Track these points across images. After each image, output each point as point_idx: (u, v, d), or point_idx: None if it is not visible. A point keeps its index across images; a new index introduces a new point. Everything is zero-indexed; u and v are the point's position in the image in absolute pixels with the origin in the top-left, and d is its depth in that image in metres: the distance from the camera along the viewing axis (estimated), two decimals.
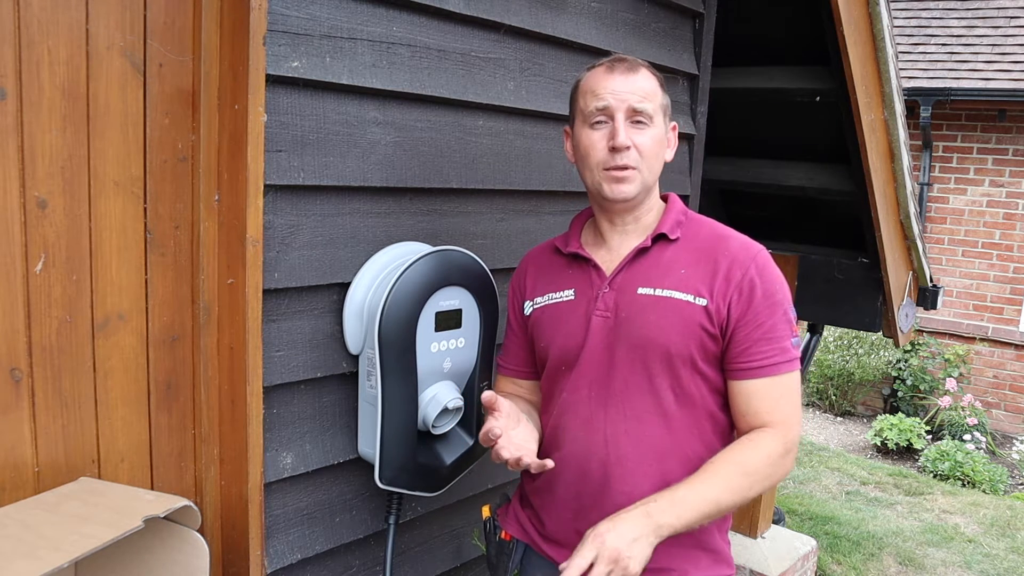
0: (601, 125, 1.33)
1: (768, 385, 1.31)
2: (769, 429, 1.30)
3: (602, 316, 1.36)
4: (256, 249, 1.38)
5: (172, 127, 1.38)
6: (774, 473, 1.29)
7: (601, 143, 1.33)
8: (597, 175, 1.35)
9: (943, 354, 6.68)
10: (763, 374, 1.30)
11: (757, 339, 1.30)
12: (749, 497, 1.28)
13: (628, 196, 1.34)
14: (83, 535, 1.08)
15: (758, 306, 1.30)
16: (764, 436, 1.29)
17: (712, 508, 1.24)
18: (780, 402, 1.31)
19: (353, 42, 1.50)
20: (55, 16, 1.22)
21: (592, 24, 1.99)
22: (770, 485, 1.30)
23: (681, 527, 1.22)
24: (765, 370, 1.30)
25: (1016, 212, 6.48)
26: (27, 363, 1.25)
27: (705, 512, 1.24)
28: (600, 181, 1.35)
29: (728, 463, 1.28)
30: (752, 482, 1.27)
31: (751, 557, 3.39)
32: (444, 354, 1.61)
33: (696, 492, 1.24)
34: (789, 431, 1.30)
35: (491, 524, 1.53)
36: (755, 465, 1.27)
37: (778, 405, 1.31)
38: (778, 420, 1.30)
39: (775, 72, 2.94)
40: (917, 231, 3.04)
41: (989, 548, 4.28)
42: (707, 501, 1.24)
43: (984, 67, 6.38)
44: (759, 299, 1.30)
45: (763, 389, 1.31)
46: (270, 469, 1.48)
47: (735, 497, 1.26)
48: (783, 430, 1.30)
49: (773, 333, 1.30)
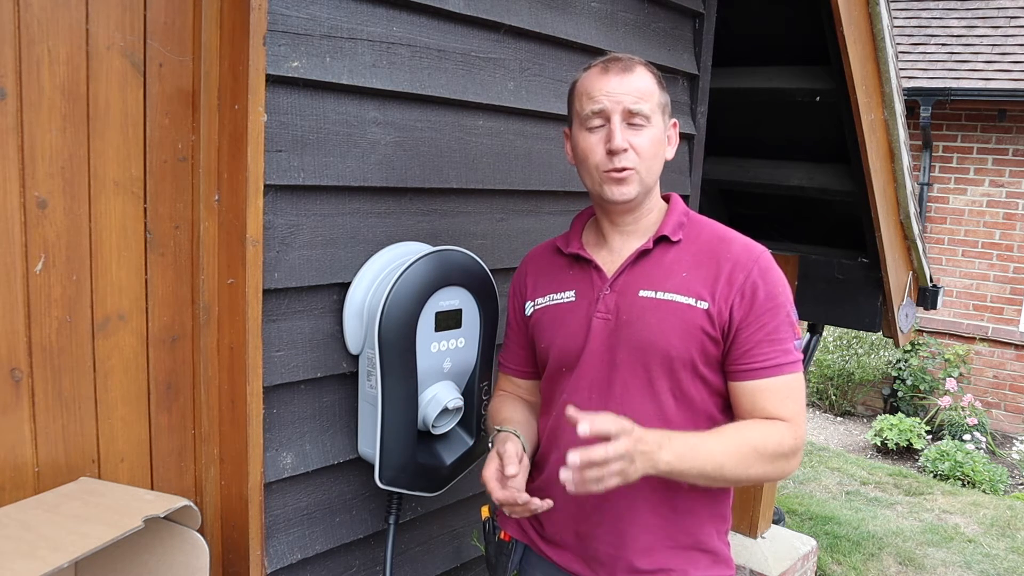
0: (598, 128, 1.32)
1: (773, 384, 1.29)
2: (782, 421, 1.28)
3: (603, 318, 1.35)
4: (256, 249, 1.38)
5: (172, 127, 1.38)
6: (779, 464, 1.27)
7: (598, 146, 1.32)
8: (596, 177, 1.34)
9: (943, 354, 6.68)
10: (767, 374, 1.29)
11: (760, 340, 1.29)
12: (750, 476, 1.25)
13: (628, 198, 1.34)
14: (83, 535, 1.08)
15: (760, 308, 1.29)
16: (778, 424, 1.28)
17: (713, 469, 1.22)
18: (787, 401, 1.30)
19: (353, 42, 1.50)
20: (55, 16, 1.22)
21: (592, 24, 1.99)
22: (772, 474, 1.28)
23: (676, 471, 1.20)
24: (769, 371, 1.29)
25: (1016, 212, 6.48)
26: (27, 363, 1.25)
27: (705, 469, 1.22)
28: (600, 183, 1.34)
29: (742, 430, 1.27)
30: (757, 459, 1.24)
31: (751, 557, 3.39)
32: (444, 354, 1.61)
33: (706, 445, 1.23)
34: (798, 429, 1.29)
35: (490, 524, 1.53)
36: (766, 444, 1.25)
37: (785, 404, 1.29)
38: (787, 416, 1.29)
39: (775, 72, 2.94)
40: (917, 231, 3.04)
41: (989, 548, 4.28)
42: (711, 459, 1.22)
43: (984, 67, 6.38)
44: (761, 301, 1.29)
45: (769, 388, 1.30)
46: (270, 469, 1.48)
47: (737, 468, 1.23)
48: (793, 426, 1.28)
49: (776, 335, 1.29)
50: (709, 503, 1.37)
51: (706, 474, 1.23)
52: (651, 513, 1.33)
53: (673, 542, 1.34)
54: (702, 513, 1.36)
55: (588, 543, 1.35)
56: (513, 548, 1.48)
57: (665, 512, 1.33)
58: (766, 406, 1.29)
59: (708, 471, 1.22)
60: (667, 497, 1.32)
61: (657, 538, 1.33)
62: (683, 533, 1.35)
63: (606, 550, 1.35)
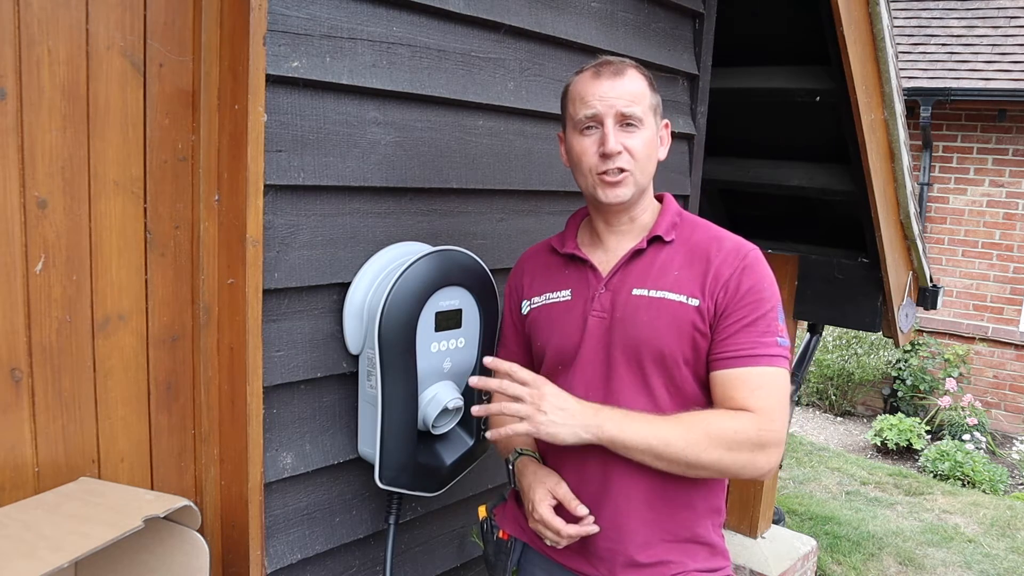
0: (591, 131, 1.34)
1: (745, 374, 1.28)
2: (747, 412, 1.26)
3: (598, 316, 1.36)
4: (256, 249, 1.38)
5: (172, 127, 1.38)
6: (741, 454, 1.24)
7: (592, 149, 1.33)
8: (590, 180, 1.36)
9: (943, 354, 6.68)
10: (740, 364, 1.28)
11: (737, 331, 1.29)
12: (702, 461, 1.24)
13: (622, 199, 1.35)
14: (83, 535, 1.08)
15: (742, 300, 1.29)
16: (741, 414, 1.26)
17: (659, 444, 1.23)
18: (757, 392, 1.26)
19: (353, 42, 1.50)
20: (55, 16, 1.22)
21: (592, 24, 1.99)
22: (733, 464, 1.25)
23: (619, 442, 1.24)
24: (742, 360, 1.28)
25: (1016, 212, 6.48)
26: (27, 363, 1.25)
27: (650, 444, 1.23)
28: (594, 186, 1.35)
29: (696, 416, 1.27)
30: (711, 444, 1.23)
31: (751, 557, 3.39)
32: (444, 354, 1.61)
33: (650, 421, 1.26)
34: (767, 421, 1.25)
35: (488, 524, 1.53)
36: (721, 429, 1.24)
37: (754, 394, 1.26)
38: (755, 407, 1.26)
39: (775, 72, 2.94)
40: (917, 231, 3.04)
41: (989, 548, 4.28)
42: (656, 434, 1.24)
43: (984, 67, 6.38)
44: (743, 294, 1.29)
45: (739, 377, 1.28)
46: (270, 469, 1.48)
47: (687, 449, 1.23)
48: (760, 417, 1.25)
49: (756, 327, 1.29)
50: (704, 496, 1.37)
51: (654, 450, 1.24)
52: (648, 507, 1.34)
53: (671, 535, 1.35)
54: (698, 507, 1.37)
55: (587, 538, 1.36)
56: (512, 546, 1.49)
57: (661, 506, 1.34)
58: (734, 395, 1.28)
59: (654, 447, 1.24)
60: (663, 491, 1.33)
61: (655, 532, 1.34)
62: (680, 526, 1.35)
63: (605, 545, 1.35)
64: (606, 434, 1.24)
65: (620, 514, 1.34)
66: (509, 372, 1.27)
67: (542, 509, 1.33)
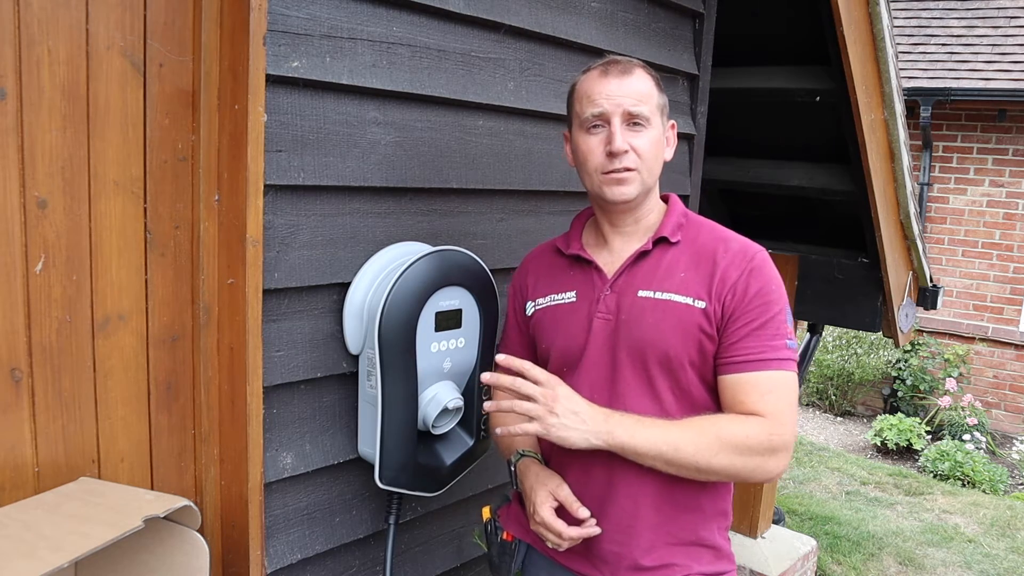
0: (598, 130, 1.33)
1: (755, 379, 1.27)
2: (758, 417, 1.26)
3: (603, 318, 1.36)
4: (256, 249, 1.38)
5: (172, 127, 1.38)
6: (752, 459, 1.24)
7: (599, 148, 1.33)
8: (596, 179, 1.35)
9: (943, 354, 6.68)
10: (750, 368, 1.27)
11: (746, 335, 1.28)
12: (712, 466, 1.23)
13: (628, 198, 1.34)
14: (83, 535, 1.08)
15: (750, 304, 1.29)
16: (752, 419, 1.26)
17: (670, 450, 1.23)
18: (767, 396, 1.26)
19: (353, 42, 1.50)
20: (55, 16, 1.22)
21: (592, 24, 1.99)
22: (744, 469, 1.25)
23: (630, 448, 1.24)
24: (752, 364, 1.27)
25: (1016, 212, 6.49)
26: (27, 363, 1.25)
27: (661, 450, 1.23)
28: (600, 185, 1.35)
29: (706, 421, 1.27)
30: (722, 448, 1.23)
31: (751, 557, 3.40)
32: (444, 354, 1.61)
33: (661, 427, 1.25)
34: (778, 426, 1.25)
35: (492, 525, 1.53)
36: (732, 434, 1.24)
37: (764, 399, 1.26)
38: (765, 412, 1.25)
39: (775, 72, 2.94)
40: (917, 231, 3.04)
41: (989, 548, 4.28)
42: (667, 440, 1.23)
43: (984, 67, 6.38)
44: (752, 297, 1.29)
45: (750, 382, 1.27)
46: (270, 469, 1.48)
47: (697, 455, 1.23)
48: (771, 422, 1.25)
49: (765, 331, 1.28)
50: (711, 499, 1.37)
51: (664, 456, 1.23)
52: (654, 510, 1.33)
53: (676, 538, 1.34)
54: (705, 510, 1.36)
55: (592, 541, 1.35)
56: (516, 548, 1.48)
57: (667, 509, 1.33)
58: (744, 400, 1.27)
59: (665, 453, 1.23)
60: (670, 494, 1.33)
61: (660, 535, 1.34)
62: (686, 529, 1.35)
63: (609, 547, 1.35)
64: (617, 440, 1.23)
65: (625, 517, 1.33)
66: (522, 370, 1.25)
67: (543, 511, 1.32)
